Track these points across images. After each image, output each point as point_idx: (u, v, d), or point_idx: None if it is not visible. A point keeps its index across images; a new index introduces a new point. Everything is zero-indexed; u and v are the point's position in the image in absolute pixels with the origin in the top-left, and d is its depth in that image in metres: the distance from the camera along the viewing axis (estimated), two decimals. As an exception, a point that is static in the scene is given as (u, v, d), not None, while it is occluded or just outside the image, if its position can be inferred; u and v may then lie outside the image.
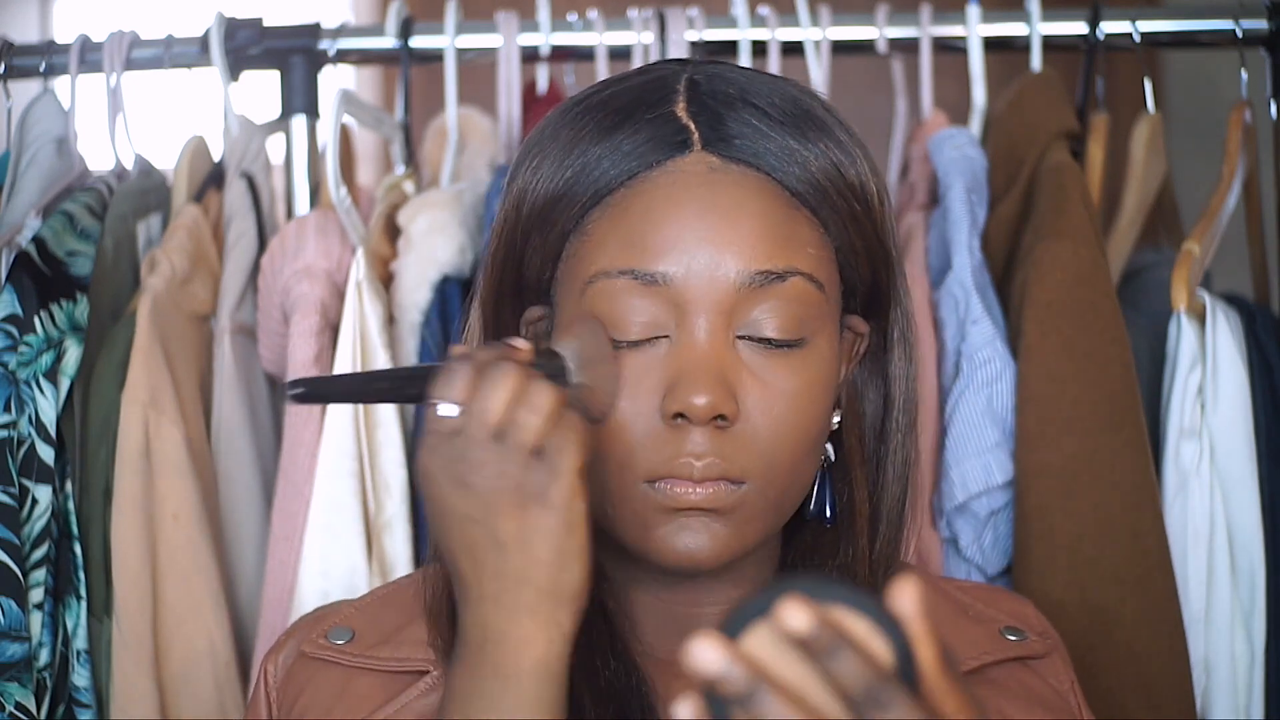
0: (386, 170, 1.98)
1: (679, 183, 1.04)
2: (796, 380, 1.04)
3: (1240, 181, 1.64)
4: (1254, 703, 1.50)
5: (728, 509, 1.03)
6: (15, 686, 1.42)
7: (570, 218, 1.05)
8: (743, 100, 1.05)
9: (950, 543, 1.51)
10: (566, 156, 1.05)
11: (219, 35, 1.68)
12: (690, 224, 1.03)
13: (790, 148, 1.05)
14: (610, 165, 1.04)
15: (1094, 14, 1.68)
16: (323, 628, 1.12)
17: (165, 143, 1.74)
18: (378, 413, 1.54)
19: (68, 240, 1.55)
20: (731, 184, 1.04)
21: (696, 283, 1.02)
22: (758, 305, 1.03)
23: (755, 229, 1.03)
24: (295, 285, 1.56)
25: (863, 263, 1.08)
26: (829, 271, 1.06)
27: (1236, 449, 1.51)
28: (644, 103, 1.06)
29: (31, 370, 1.48)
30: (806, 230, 1.05)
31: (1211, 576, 1.50)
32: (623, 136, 1.04)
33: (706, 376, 1.01)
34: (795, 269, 1.03)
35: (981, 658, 1.13)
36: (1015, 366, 1.49)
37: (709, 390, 1.01)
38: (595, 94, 1.08)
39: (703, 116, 1.05)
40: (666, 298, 1.02)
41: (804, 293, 1.04)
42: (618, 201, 1.04)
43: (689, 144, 1.04)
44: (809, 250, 1.04)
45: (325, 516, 1.50)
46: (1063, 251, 1.49)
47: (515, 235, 1.08)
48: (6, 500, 1.44)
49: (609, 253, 1.04)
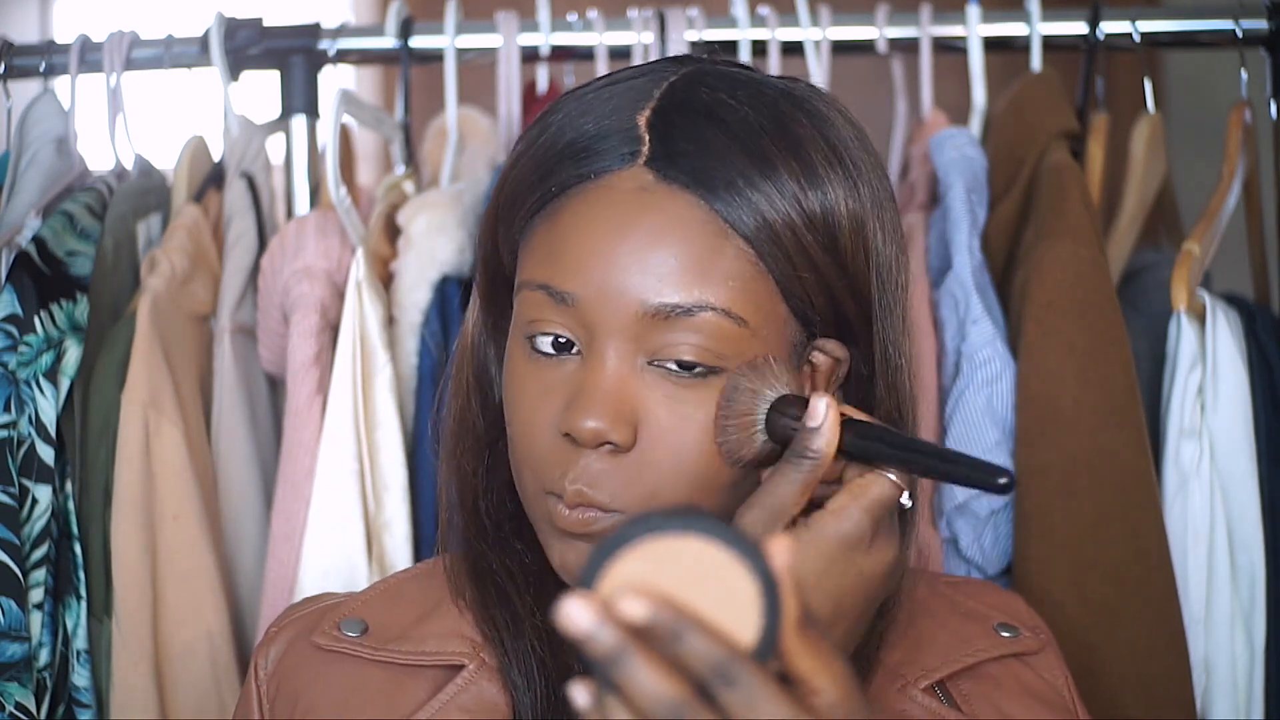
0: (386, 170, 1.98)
1: (606, 200, 1.02)
2: (704, 412, 1.01)
3: (1240, 181, 1.64)
4: (1254, 703, 1.50)
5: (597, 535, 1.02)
6: (15, 686, 1.42)
7: (520, 219, 1.06)
8: (708, 114, 1.03)
9: (950, 543, 1.51)
10: (538, 151, 1.05)
11: (219, 35, 1.68)
12: (604, 247, 1.01)
13: (739, 171, 1.01)
14: (562, 169, 1.04)
15: (1094, 14, 1.68)
16: (333, 619, 1.11)
17: (165, 143, 1.74)
18: (378, 412, 1.54)
19: (68, 240, 1.55)
20: (656, 207, 1.01)
21: (604, 307, 1.01)
22: (666, 335, 1.01)
23: (669, 258, 1.00)
24: (295, 285, 1.56)
25: (815, 295, 1.04)
26: (761, 303, 1.02)
27: (1236, 449, 1.51)
28: (620, 105, 1.05)
29: (31, 370, 1.48)
30: (732, 262, 1.01)
31: (1211, 576, 1.50)
32: (586, 140, 1.04)
33: (599, 401, 1.00)
34: (705, 304, 1.00)
35: (977, 655, 1.13)
36: (1015, 366, 1.49)
37: (598, 415, 1.00)
38: (600, 80, 1.08)
39: (659, 129, 1.03)
40: (575, 318, 1.02)
41: (716, 327, 1.01)
42: (555, 209, 1.04)
43: (636, 156, 1.02)
44: (729, 283, 1.01)
45: (325, 516, 1.50)
46: (1063, 251, 1.49)
47: (495, 223, 1.09)
48: (6, 500, 1.44)
49: (533, 263, 1.04)
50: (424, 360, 1.57)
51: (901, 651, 1.11)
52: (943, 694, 1.10)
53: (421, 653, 1.08)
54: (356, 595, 1.15)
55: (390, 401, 1.54)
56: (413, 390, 1.58)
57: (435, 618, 1.10)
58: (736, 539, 0.76)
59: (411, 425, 1.57)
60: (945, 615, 1.15)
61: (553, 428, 1.03)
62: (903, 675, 1.10)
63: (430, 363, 1.57)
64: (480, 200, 1.64)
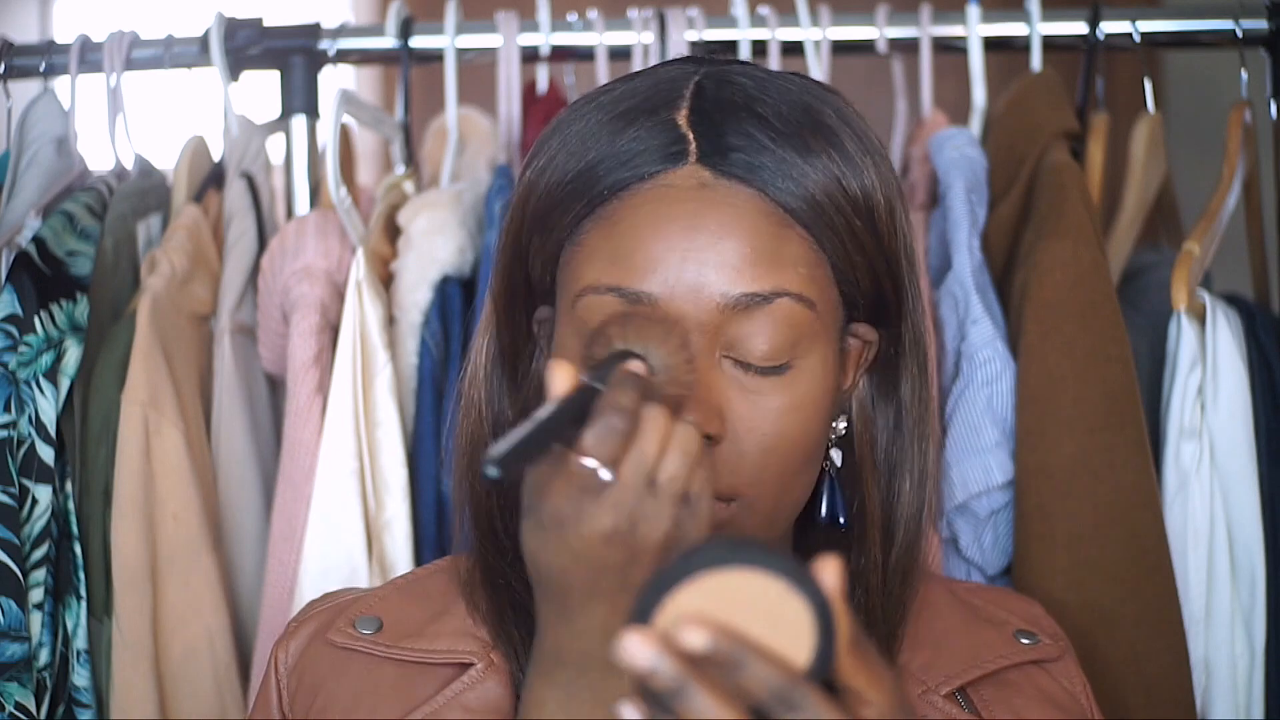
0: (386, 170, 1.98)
1: (668, 198, 1.03)
2: (784, 398, 1.02)
3: (1240, 181, 1.64)
4: (1254, 703, 1.50)
5: (719, 526, 1.02)
6: (15, 686, 1.42)
7: (565, 225, 1.05)
8: (747, 110, 1.04)
9: (950, 543, 1.51)
10: (570, 158, 1.05)
11: (219, 35, 1.68)
12: (676, 243, 1.01)
13: (788, 162, 1.03)
14: (606, 173, 1.04)
15: (1094, 14, 1.68)
16: (349, 616, 1.11)
17: (165, 143, 1.74)
18: (378, 412, 1.54)
19: (68, 240, 1.55)
20: (720, 201, 1.02)
21: (681, 303, 1.01)
22: (744, 326, 1.02)
23: (742, 249, 1.01)
24: (295, 285, 1.56)
25: (863, 276, 1.06)
26: (822, 288, 1.04)
27: (1236, 449, 1.51)
28: (650, 106, 1.05)
29: (31, 370, 1.48)
30: (797, 248, 1.03)
31: (1211, 576, 1.50)
32: (624, 142, 1.04)
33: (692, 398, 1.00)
34: (783, 290, 1.02)
35: (998, 661, 1.12)
36: (1015, 366, 1.49)
37: (693, 411, 0.99)
38: (606, 92, 1.08)
39: (702, 126, 1.04)
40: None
41: (792, 313, 1.02)
42: (609, 213, 1.04)
43: (685, 155, 1.03)
44: (799, 269, 1.03)
45: (325, 516, 1.50)
46: (1063, 251, 1.49)
47: (520, 234, 1.08)
48: (6, 500, 1.44)
49: (597, 267, 1.03)
50: (424, 360, 1.57)
51: (923, 655, 1.11)
52: (963, 700, 1.10)
53: (434, 650, 1.08)
54: (374, 591, 1.15)
55: (390, 401, 1.54)
56: (413, 390, 1.57)
57: (449, 616, 1.10)
58: (785, 565, 0.79)
59: (412, 425, 1.57)
60: (966, 621, 1.15)
61: None
62: (924, 681, 1.10)
63: (431, 363, 1.57)
64: (480, 200, 1.64)
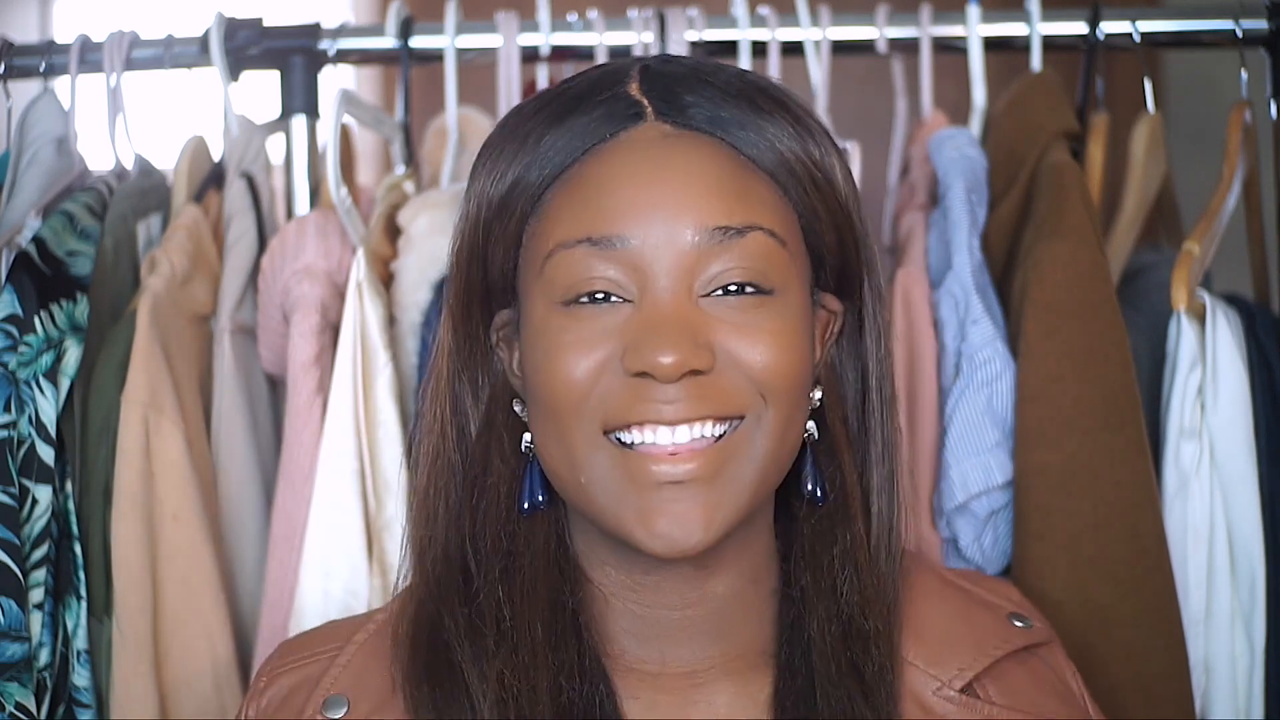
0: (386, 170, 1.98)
1: (633, 150, 1.03)
2: (773, 324, 1.02)
3: (1240, 181, 1.64)
4: (1254, 703, 1.50)
5: (712, 468, 1.01)
6: (15, 686, 1.42)
7: (528, 200, 1.05)
8: (696, 78, 1.05)
9: (950, 543, 1.51)
10: (520, 149, 1.05)
11: (219, 35, 1.68)
12: (644, 187, 1.02)
13: (745, 118, 1.04)
14: (564, 144, 1.04)
15: (1094, 14, 1.68)
16: (317, 700, 1.09)
17: (165, 143, 1.74)
18: (378, 413, 1.54)
19: (68, 240, 1.55)
20: (686, 147, 1.03)
21: (655, 245, 1.01)
22: (719, 260, 1.02)
23: (711, 187, 1.02)
24: (295, 285, 1.56)
25: (827, 230, 1.07)
26: (791, 231, 1.05)
27: (1236, 449, 1.51)
28: (597, 90, 1.06)
29: (31, 370, 1.48)
30: (765, 190, 1.04)
31: (1211, 576, 1.50)
32: (574, 119, 1.04)
33: (672, 333, 0.99)
34: (755, 224, 1.02)
35: (1002, 647, 1.12)
36: (1015, 366, 1.49)
37: (674, 346, 0.99)
38: (548, 94, 1.08)
39: (655, 91, 1.05)
40: (626, 262, 1.01)
41: (766, 246, 1.03)
42: (572, 176, 1.04)
43: (642, 115, 1.04)
44: (768, 209, 1.04)
45: (326, 516, 1.50)
46: (1063, 251, 1.49)
47: (476, 234, 1.08)
48: (6, 500, 1.44)
49: (565, 224, 1.03)
50: (425, 361, 1.57)
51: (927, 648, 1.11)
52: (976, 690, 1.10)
53: None
54: (341, 656, 1.12)
55: (391, 402, 1.54)
56: (413, 391, 1.57)
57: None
58: None
59: (412, 425, 1.57)
60: (962, 607, 1.14)
61: (614, 369, 1.01)
62: (936, 676, 1.09)
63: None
64: (480, 200, 1.64)
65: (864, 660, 1.06)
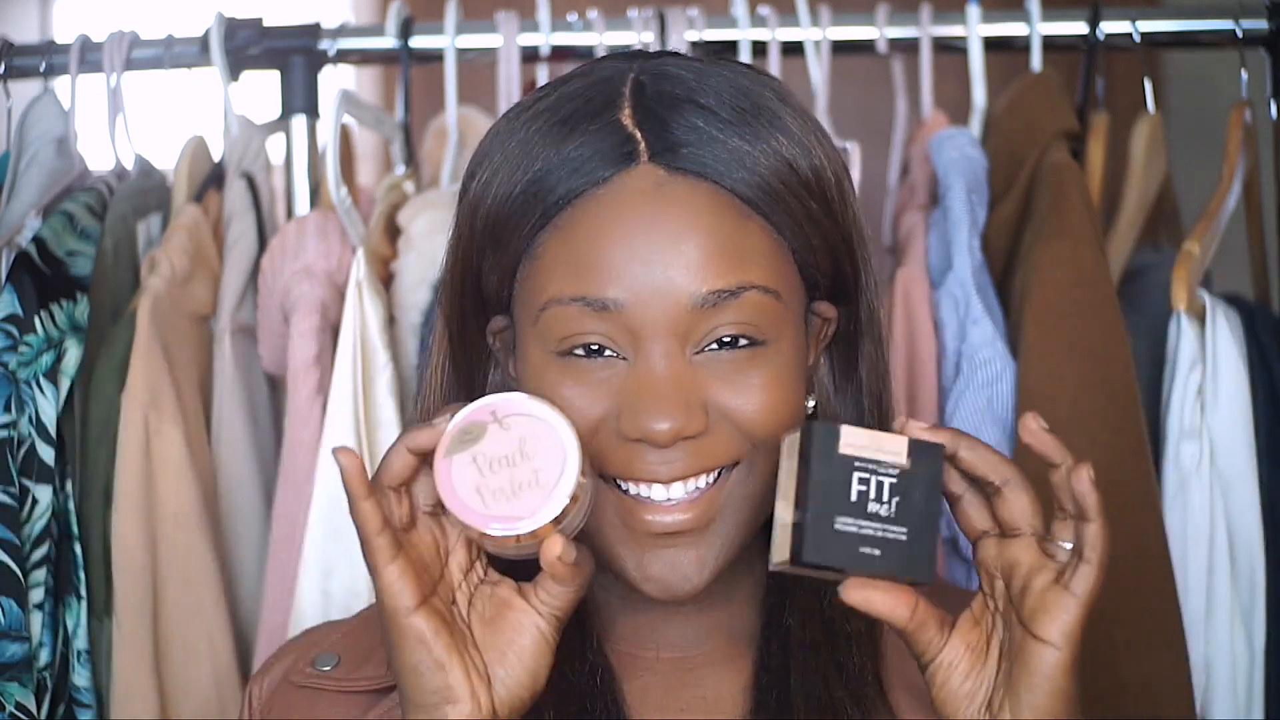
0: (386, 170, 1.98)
1: (625, 202, 1.02)
2: (763, 374, 1.02)
3: (1240, 181, 1.64)
4: (1254, 703, 1.50)
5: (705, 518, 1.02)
6: (15, 686, 1.42)
7: (521, 238, 1.04)
8: (689, 101, 1.03)
9: (950, 542, 1.51)
10: (515, 170, 1.04)
11: (219, 35, 1.68)
12: (637, 247, 1.01)
13: (739, 150, 1.02)
14: (557, 182, 1.03)
15: (1094, 14, 1.68)
16: (310, 655, 1.11)
17: (165, 143, 1.74)
18: (378, 413, 1.54)
19: (68, 240, 1.55)
20: (678, 200, 1.02)
21: (648, 307, 1.01)
22: (713, 320, 1.01)
23: (704, 246, 1.01)
24: (295, 285, 1.56)
25: (822, 258, 1.06)
26: (785, 276, 1.04)
27: (1236, 449, 1.51)
28: (591, 109, 1.04)
29: (32, 370, 1.48)
30: (758, 239, 1.03)
31: (1211, 576, 1.50)
32: (570, 148, 1.03)
33: (666, 399, 1.00)
34: (748, 284, 1.02)
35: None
36: (1015, 366, 1.49)
37: (669, 413, 1.00)
38: (541, 99, 1.07)
39: (649, 123, 1.03)
40: (619, 323, 1.01)
41: (759, 304, 1.02)
42: (565, 222, 1.03)
43: (635, 156, 1.02)
44: (762, 261, 1.03)
45: (326, 517, 1.50)
46: (1063, 251, 1.49)
47: (471, 252, 1.07)
48: (6, 500, 1.44)
49: (558, 279, 1.02)
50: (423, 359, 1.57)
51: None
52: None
53: (369, 677, 1.08)
54: (344, 623, 1.14)
55: (391, 402, 1.54)
56: (414, 391, 1.57)
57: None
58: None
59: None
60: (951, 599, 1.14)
61: (609, 425, 1.02)
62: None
63: (430, 363, 1.57)
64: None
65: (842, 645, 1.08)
